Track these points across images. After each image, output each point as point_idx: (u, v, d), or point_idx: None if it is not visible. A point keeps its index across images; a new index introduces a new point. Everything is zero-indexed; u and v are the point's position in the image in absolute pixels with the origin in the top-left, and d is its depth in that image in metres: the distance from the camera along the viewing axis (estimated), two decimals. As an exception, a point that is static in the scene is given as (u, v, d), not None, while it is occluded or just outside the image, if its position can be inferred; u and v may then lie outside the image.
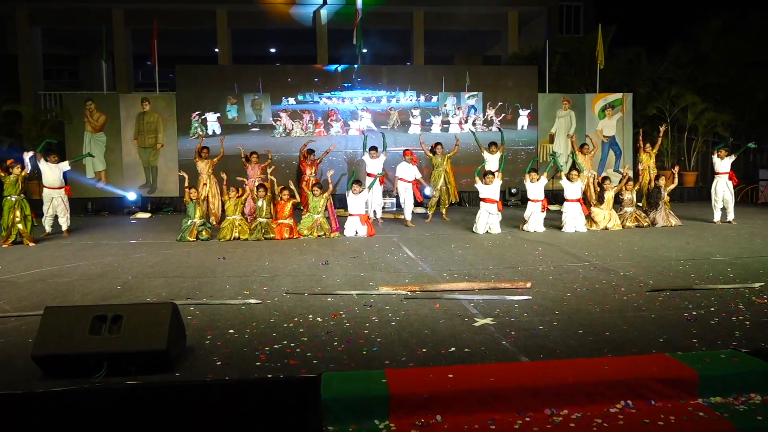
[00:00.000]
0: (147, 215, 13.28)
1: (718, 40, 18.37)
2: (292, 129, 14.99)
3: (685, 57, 18.09)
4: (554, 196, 13.16)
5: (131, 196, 13.91)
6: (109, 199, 14.38)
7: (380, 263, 7.33)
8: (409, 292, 5.70)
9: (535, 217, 10.05)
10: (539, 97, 15.60)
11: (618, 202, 10.68)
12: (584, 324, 4.58)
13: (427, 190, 14.71)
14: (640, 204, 11.46)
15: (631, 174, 11.32)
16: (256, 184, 10.55)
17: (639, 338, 4.23)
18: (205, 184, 10.93)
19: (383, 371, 3.49)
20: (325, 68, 15.94)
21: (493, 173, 9.91)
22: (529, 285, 5.87)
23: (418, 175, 10.77)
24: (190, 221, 9.63)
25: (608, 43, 18.17)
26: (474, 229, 9.99)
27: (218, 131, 14.49)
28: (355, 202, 10.02)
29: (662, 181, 10.64)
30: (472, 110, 15.54)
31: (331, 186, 10.17)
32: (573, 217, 9.94)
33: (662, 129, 11.92)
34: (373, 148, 11.72)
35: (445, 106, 15.47)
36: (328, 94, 15.28)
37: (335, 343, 4.19)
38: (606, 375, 3.42)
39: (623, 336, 4.29)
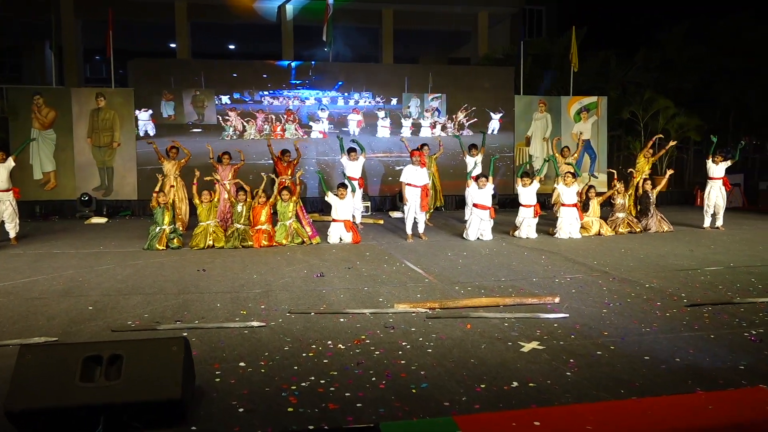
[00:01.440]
0: (103, 220, 12.21)
1: (684, 46, 18.55)
2: (244, 130, 13.95)
3: (652, 61, 18.18)
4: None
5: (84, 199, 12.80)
6: (59, 202, 13.22)
7: (380, 275, 6.69)
8: (429, 310, 5.09)
9: (527, 223, 9.61)
10: (516, 99, 15.25)
11: (608, 205, 10.40)
12: (643, 347, 4.07)
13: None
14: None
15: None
16: (229, 186, 9.75)
17: (716, 365, 3.74)
18: (172, 186, 10.01)
19: (452, 418, 2.87)
20: (277, 64, 15.05)
21: (486, 177, 9.39)
22: (557, 300, 5.35)
23: (428, 180, 9.62)
24: (158, 228, 8.75)
25: (578, 47, 18.10)
26: (465, 236, 9.46)
27: (152, 132, 13.44)
28: (341, 207, 9.34)
29: (648, 185, 10.39)
30: (437, 113, 15.02)
31: (299, 187, 9.47)
32: (569, 223, 9.55)
33: (672, 143, 11.76)
34: (352, 150, 11.08)
35: (408, 107, 14.87)
36: (273, 93, 14.11)
37: (373, 379, 3.53)
38: (713, 416, 2.90)
39: (695, 362, 3.79)
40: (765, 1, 20.31)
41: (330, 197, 9.50)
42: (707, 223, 10.55)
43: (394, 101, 14.76)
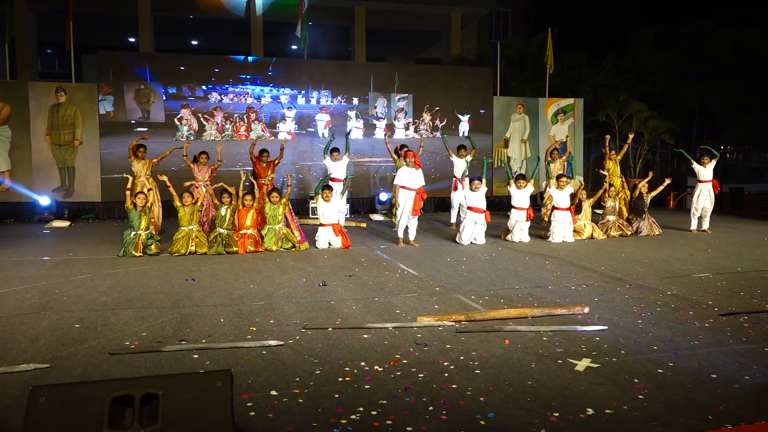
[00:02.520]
0: (65, 224, 11.38)
1: (652, 50, 18.80)
2: (203, 130, 13.12)
3: (622, 65, 18.34)
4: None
5: (44, 201, 11.92)
6: (15, 204, 12.30)
7: (385, 283, 6.27)
8: (456, 323, 4.71)
9: (520, 227, 9.36)
10: (494, 101, 15.07)
11: (597, 207, 10.27)
12: (703, 363, 3.79)
13: (383, 195, 13.77)
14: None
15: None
16: (205, 190, 9.19)
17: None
18: (150, 189, 9.36)
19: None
20: (233, 57, 14.30)
21: (480, 179, 9.08)
22: (587, 310, 5.06)
23: (423, 183, 9.09)
24: (134, 233, 8.09)
25: (546, 50, 18.09)
26: (458, 239, 9.15)
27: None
28: (327, 210, 8.88)
29: (645, 188, 10.31)
30: (404, 114, 14.63)
31: (290, 189, 8.98)
32: (563, 227, 9.34)
33: (630, 136, 11.58)
34: (335, 150, 10.62)
35: (375, 108, 14.44)
36: (223, 88, 13.27)
37: (431, 408, 3.12)
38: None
39: (766, 380, 3.54)
40: (726, 9, 20.87)
41: (317, 201, 9.06)
42: (694, 225, 10.53)
43: (355, 100, 14.23)
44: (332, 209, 8.90)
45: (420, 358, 3.91)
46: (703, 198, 10.46)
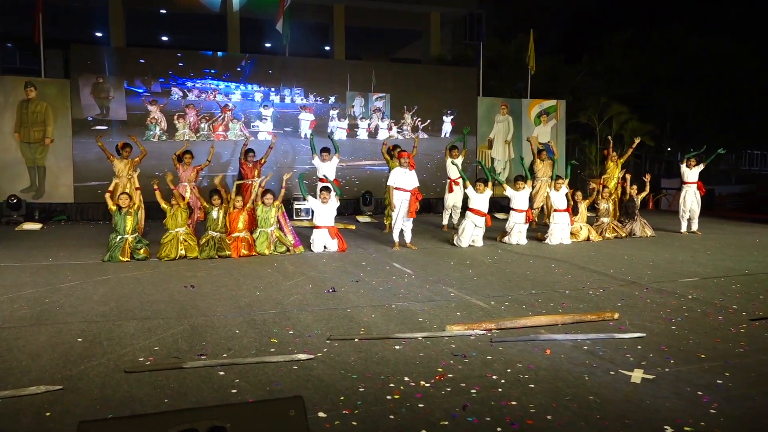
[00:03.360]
0: (37, 226, 10.75)
1: (625, 54, 19.02)
2: (174, 128, 12.52)
3: (598, 68, 18.49)
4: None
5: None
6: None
7: (396, 289, 6.01)
8: (486, 332, 4.49)
9: (518, 229, 9.22)
10: (478, 101, 14.95)
11: (591, 210, 10.22)
12: (760, 371, 3.66)
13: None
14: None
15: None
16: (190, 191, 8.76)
17: None
18: (138, 188, 8.89)
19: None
20: (202, 53, 13.80)
21: (485, 181, 8.90)
22: (617, 316, 4.89)
23: (417, 183, 8.76)
24: (119, 237, 7.63)
25: (524, 52, 18.10)
26: (456, 242, 8.95)
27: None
28: (324, 212, 8.57)
29: (634, 190, 10.29)
30: (381, 114, 14.37)
31: (284, 191, 8.62)
32: (561, 229, 9.23)
33: (636, 140, 11.58)
34: (325, 150, 10.32)
35: (353, 107, 14.11)
36: (181, 83, 12.61)
37: (498, 429, 2.88)
38: None
39: (829, 389, 3.41)
40: (695, 15, 21.27)
41: (311, 201, 8.75)
42: (684, 227, 10.58)
43: (332, 99, 13.85)
44: (329, 211, 8.59)
45: (464, 371, 3.67)
46: (690, 200, 10.52)
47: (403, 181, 8.73)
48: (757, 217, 13.24)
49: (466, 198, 9.23)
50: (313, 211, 8.90)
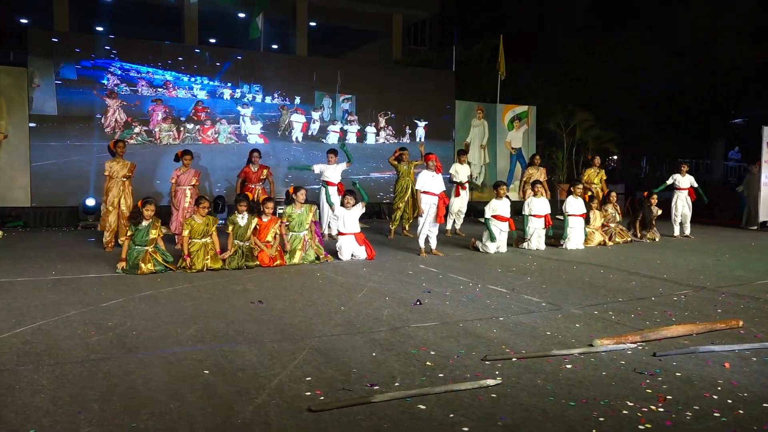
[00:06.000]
0: (-4, 233, 9.43)
1: (581, 62, 19.61)
2: (157, 132, 11.37)
3: (559, 75, 18.95)
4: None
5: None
6: None
7: (480, 300, 5.63)
8: (635, 345, 4.22)
9: (538, 234, 9.10)
10: (456, 105, 14.82)
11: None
12: None
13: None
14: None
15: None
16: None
17: None
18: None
19: None
20: (156, 42, 12.38)
21: (506, 184, 8.69)
22: (741, 323, 4.79)
23: (444, 187, 8.40)
24: (139, 248, 6.75)
25: (486, 58, 18.28)
26: (481, 248, 8.67)
27: None
28: (349, 217, 8.04)
29: (654, 201, 10.45)
30: (347, 115, 13.82)
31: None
32: (578, 233, 9.19)
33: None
34: (332, 152, 9.79)
35: (322, 108, 13.46)
36: (123, 72, 11.18)
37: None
38: None
39: None
40: (640, 25, 22.35)
41: (337, 209, 8.20)
42: (677, 231, 10.92)
43: (298, 99, 13.08)
44: (353, 217, 8.07)
45: (674, 390, 3.36)
46: (681, 205, 10.89)
47: (431, 184, 8.36)
48: (711, 222, 13.74)
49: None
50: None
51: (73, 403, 3.03)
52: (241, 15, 17.27)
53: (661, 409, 3.10)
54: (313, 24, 18.44)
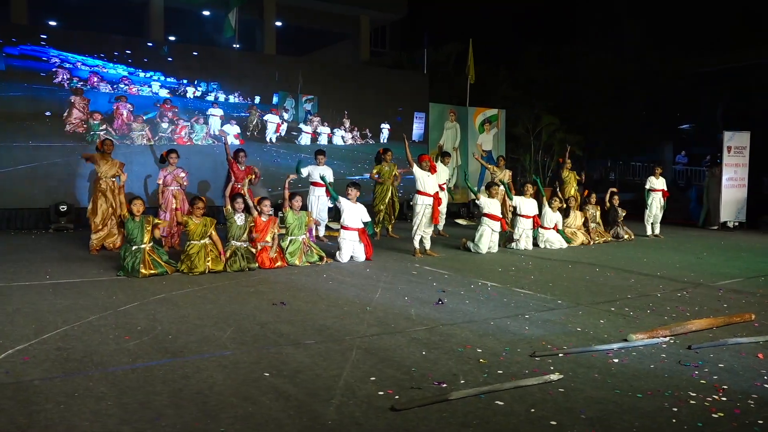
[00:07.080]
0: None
1: (539, 67, 20.13)
2: (94, 127, 10.58)
3: (519, 80, 19.37)
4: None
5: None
6: None
7: (496, 299, 5.70)
8: (667, 338, 4.38)
9: (526, 234, 9.28)
10: (430, 107, 14.94)
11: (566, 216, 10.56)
12: None
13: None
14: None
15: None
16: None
17: None
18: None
19: None
20: (114, 36, 11.45)
21: (497, 184, 8.82)
22: (753, 317, 5.04)
23: (438, 188, 8.49)
24: (135, 248, 6.51)
25: (452, 61, 18.55)
26: (473, 249, 8.77)
27: None
28: (352, 211, 7.92)
29: (616, 201, 10.81)
30: (308, 115, 13.35)
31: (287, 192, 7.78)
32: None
33: (568, 149, 12.19)
34: (320, 152, 9.71)
35: (286, 110, 13.02)
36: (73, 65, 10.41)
37: None
38: None
39: None
40: (588, 32, 23.14)
41: (342, 201, 8.00)
42: (649, 231, 11.34)
43: (258, 99, 12.52)
44: (357, 211, 7.94)
45: (725, 380, 3.50)
46: (655, 206, 11.34)
47: (428, 184, 8.40)
48: (665, 222, 14.24)
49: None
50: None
51: (144, 410, 2.91)
52: (206, 13, 16.94)
53: (724, 399, 3.23)
54: (279, 24, 18.23)
